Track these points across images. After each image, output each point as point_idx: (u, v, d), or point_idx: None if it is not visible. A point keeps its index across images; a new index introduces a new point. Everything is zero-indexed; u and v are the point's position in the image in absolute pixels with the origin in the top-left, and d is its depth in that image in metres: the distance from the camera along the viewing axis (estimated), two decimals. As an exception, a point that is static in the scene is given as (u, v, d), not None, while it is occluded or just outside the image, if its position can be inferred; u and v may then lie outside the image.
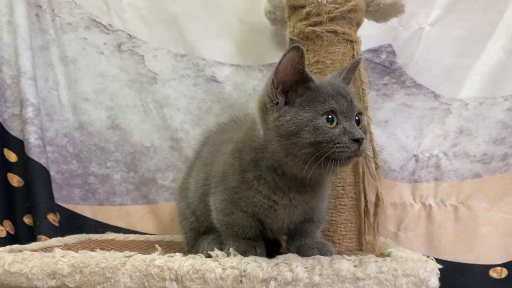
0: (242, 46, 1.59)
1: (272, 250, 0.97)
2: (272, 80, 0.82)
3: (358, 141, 0.79)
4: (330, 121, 0.81)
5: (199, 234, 1.08)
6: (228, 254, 0.91)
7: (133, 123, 1.61)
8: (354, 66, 0.94)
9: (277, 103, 0.83)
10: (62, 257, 0.93)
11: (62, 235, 1.38)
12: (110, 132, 1.61)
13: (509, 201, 1.47)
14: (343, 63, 1.15)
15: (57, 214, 1.54)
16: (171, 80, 1.59)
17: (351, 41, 1.16)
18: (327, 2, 1.12)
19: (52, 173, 1.57)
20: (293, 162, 0.82)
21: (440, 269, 0.83)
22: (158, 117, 1.60)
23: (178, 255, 0.91)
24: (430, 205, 1.50)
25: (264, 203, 0.90)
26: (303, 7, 1.15)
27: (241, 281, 0.84)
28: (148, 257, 0.90)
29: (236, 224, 0.94)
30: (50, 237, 1.42)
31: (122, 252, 0.94)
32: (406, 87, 1.54)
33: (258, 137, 0.88)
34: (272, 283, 0.83)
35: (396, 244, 1.15)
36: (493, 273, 1.46)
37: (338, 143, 0.79)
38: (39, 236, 1.48)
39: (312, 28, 1.14)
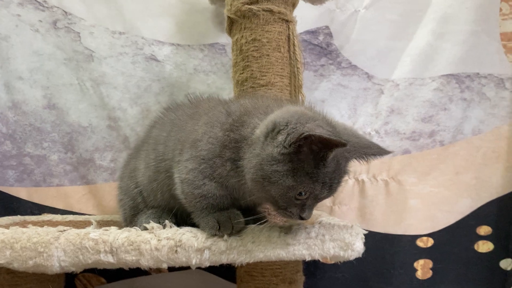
0: (183, 26, 1.58)
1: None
2: (304, 133, 0.72)
3: (302, 219, 0.82)
4: (301, 195, 0.79)
5: (138, 211, 1.09)
6: (164, 226, 0.92)
7: (70, 103, 1.56)
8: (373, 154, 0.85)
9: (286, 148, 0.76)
10: (-8, 234, 0.91)
11: (-4, 218, 1.33)
12: (46, 112, 1.56)
13: (435, 176, 1.57)
14: (279, 42, 1.18)
15: (-10, 196, 1.49)
16: (108, 57, 1.55)
17: (287, 21, 1.19)
18: (263, -20, 1.14)
19: (-17, 154, 1.51)
20: (249, 186, 0.83)
21: (372, 240, 0.88)
22: (95, 95, 1.56)
23: (113, 229, 0.92)
24: (363, 180, 1.57)
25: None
26: (240, -15, 1.17)
27: (176, 251, 0.86)
28: (82, 231, 0.90)
29: (209, 196, 0.89)
30: (-17, 220, 1.37)
31: (57, 228, 0.93)
32: (342, 68, 1.59)
33: (245, 135, 0.85)
34: (207, 252, 0.86)
35: (328, 215, 1.21)
36: (419, 243, 1.55)
37: (288, 210, 0.81)
38: (-30, 219, 1.42)
39: (249, 6, 1.16)
